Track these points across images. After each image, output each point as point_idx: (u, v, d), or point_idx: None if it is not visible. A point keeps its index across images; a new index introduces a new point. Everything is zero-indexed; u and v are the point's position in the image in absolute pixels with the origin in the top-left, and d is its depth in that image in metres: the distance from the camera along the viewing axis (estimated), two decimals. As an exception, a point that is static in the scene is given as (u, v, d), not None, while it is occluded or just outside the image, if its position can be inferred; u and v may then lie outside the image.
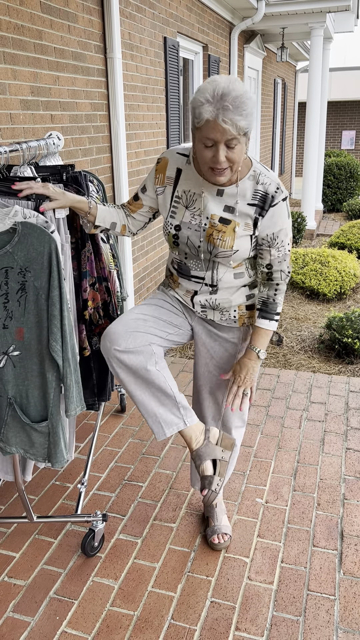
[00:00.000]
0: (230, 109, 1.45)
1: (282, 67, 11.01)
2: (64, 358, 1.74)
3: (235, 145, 1.52)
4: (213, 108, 1.45)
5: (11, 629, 1.83)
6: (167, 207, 1.76)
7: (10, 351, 1.77)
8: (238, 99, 1.45)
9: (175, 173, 1.73)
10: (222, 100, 1.45)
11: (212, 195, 1.69)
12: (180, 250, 1.78)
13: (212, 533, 2.15)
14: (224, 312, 1.86)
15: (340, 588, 1.96)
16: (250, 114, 1.48)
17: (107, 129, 3.84)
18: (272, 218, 1.68)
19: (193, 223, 1.71)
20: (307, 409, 3.15)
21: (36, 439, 1.86)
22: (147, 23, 4.35)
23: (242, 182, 1.67)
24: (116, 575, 2.03)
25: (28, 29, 2.85)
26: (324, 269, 5.41)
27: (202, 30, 5.74)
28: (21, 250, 1.65)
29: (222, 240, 1.69)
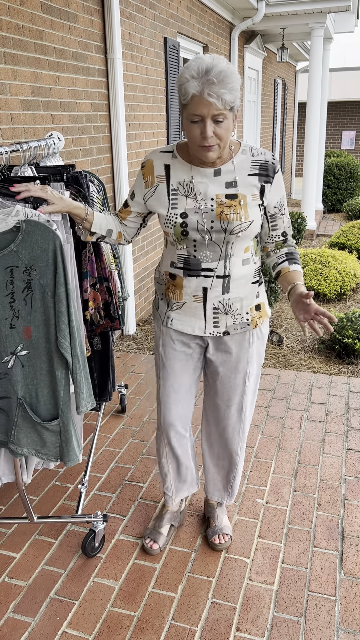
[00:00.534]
0: (215, 83, 1.48)
1: (282, 67, 11.02)
2: (73, 354, 1.74)
3: (222, 120, 1.55)
4: (198, 83, 1.49)
5: (12, 629, 1.83)
6: (165, 202, 1.73)
7: (18, 351, 1.77)
8: (222, 72, 1.49)
9: (164, 170, 1.74)
10: (207, 75, 1.48)
11: (210, 177, 1.69)
12: (189, 241, 1.73)
13: (212, 533, 2.15)
14: (236, 315, 1.83)
15: (341, 589, 1.96)
16: (235, 88, 1.52)
17: (107, 129, 3.85)
18: (279, 185, 1.75)
19: (199, 207, 1.70)
20: (308, 410, 3.15)
21: (48, 438, 1.86)
22: (148, 23, 4.35)
23: (237, 157, 1.71)
24: (117, 576, 2.03)
25: (29, 29, 2.85)
26: (324, 270, 5.41)
27: (202, 30, 5.74)
28: (25, 249, 1.65)
29: (235, 214, 1.68)
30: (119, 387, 3.11)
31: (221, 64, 1.50)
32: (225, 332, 1.84)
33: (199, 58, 1.53)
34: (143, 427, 2.99)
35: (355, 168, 10.84)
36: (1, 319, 1.73)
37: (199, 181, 1.70)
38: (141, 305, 4.75)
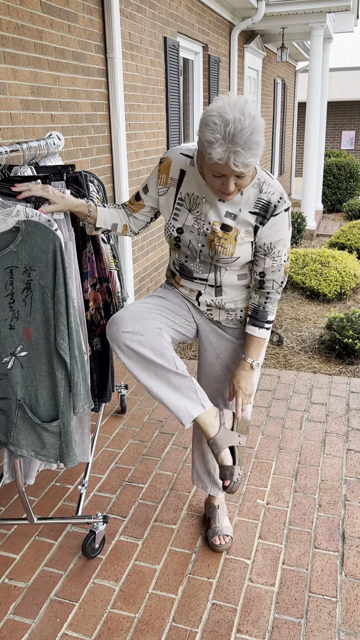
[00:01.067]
0: (242, 154, 1.43)
1: (282, 67, 11.01)
2: (71, 355, 1.74)
3: (244, 175, 1.52)
4: (224, 150, 1.43)
5: (12, 631, 1.82)
6: (169, 209, 1.75)
7: (17, 352, 1.76)
8: (250, 138, 1.42)
9: (178, 174, 1.72)
10: (234, 142, 1.41)
11: (214, 201, 1.67)
12: (181, 253, 1.78)
13: (213, 534, 2.14)
14: (230, 312, 1.85)
15: (342, 590, 1.95)
16: (261, 147, 1.46)
17: (107, 129, 3.84)
18: (273, 227, 1.66)
19: (195, 227, 1.70)
20: (308, 410, 3.14)
21: (47, 440, 1.86)
22: (147, 23, 4.34)
23: (246, 190, 1.65)
24: (117, 577, 2.02)
25: (28, 29, 2.84)
26: (324, 270, 5.40)
27: (202, 30, 5.74)
28: (25, 249, 1.65)
29: (223, 247, 1.68)
30: (119, 388, 3.10)
31: (247, 124, 1.41)
32: (217, 322, 1.89)
33: (223, 112, 1.41)
34: (143, 428, 2.99)
35: (354, 168, 10.84)
36: (0, 320, 1.72)
37: (207, 198, 1.68)
38: (141, 305, 4.74)
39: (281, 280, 1.77)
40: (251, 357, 1.84)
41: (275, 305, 1.81)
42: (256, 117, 1.45)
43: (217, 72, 6.31)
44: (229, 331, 1.91)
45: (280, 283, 1.77)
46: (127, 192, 4.08)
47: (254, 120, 1.43)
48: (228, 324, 1.88)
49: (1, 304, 1.70)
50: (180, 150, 1.74)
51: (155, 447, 2.81)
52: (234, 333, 1.91)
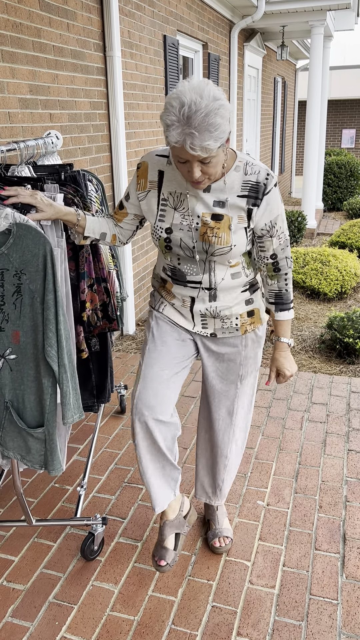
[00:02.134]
0: (197, 136, 1.39)
1: (282, 65, 10.98)
2: (60, 364, 1.70)
3: (209, 161, 1.48)
4: (179, 132, 1.40)
5: (10, 634, 1.81)
6: (154, 212, 1.70)
7: (6, 354, 1.74)
8: (206, 119, 1.38)
9: (157, 176, 1.68)
10: (188, 124, 1.38)
11: (199, 194, 1.63)
12: (173, 255, 1.72)
13: (213, 536, 2.12)
14: (225, 320, 1.79)
15: (342, 592, 1.94)
16: (222, 129, 1.41)
17: (106, 128, 3.82)
18: (268, 206, 1.64)
19: (184, 224, 1.66)
20: (309, 410, 3.13)
21: (32, 445, 1.83)
22: (147, 21, 4.32)
23: (229, 175, 1.61)
24: (116, 580, 2.01)
25: (27, 27, 2.82)
26: (324, 269, 5.38)
27: (201, 28, 5.71)
28: (16, 252, 1.63)
29: (217, 237, 1.64)
30: (118, 388, 3.09)
31: (205, 105, 1.37)
32: (212, 334, 1.83)
33: (180, 93, 1.40)
34: (143, 428, 2.97)
35: (355, 166, 10.81)
36: None
37: (190, 193, 1.64)
38: (141, 304, 4.72)
39: (290, 256, 1.78)
40: (286, 337, 1.86)
41: (292, 282, 1.82)
42: (218, 99, 1.40)
43: (217, 70, 6.29)
44: (226, 345, 1.85)
45: (290, 258, 1.78)
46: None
47: (213, 102, 1.39)
48: (224, 333, 1.82)
49: None
50: (156, 152, 1.71)
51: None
52: (230, 346, 1.85)
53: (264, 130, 9.76)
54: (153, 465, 1.86)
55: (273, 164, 10.98)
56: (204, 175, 1.52)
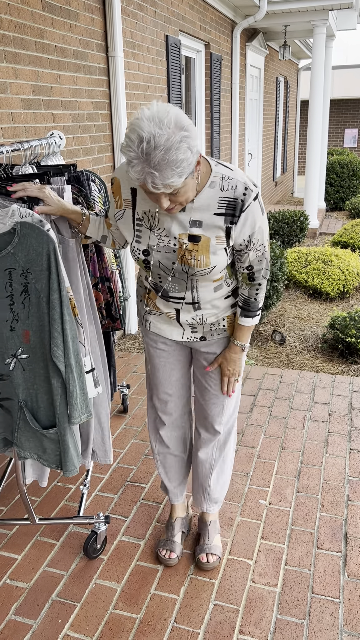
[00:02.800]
0: (157, 176, 1.31)
1: (285, 65, 10.98)
2: (66, 364, 1.70)
3: (177, 192, 1.41)
4: (140, 170, 1.32)
5: (13, 632, 1.82)
6: (131, 232, 1.64)
7: (18, 354, 1.75)
8: (166, 156, 1.29)
9: (130, 194, 1.61)
10: (148, 162, 1.30)
11: (173, 214, 1.55)
12: (153, 274, 1.68)
13: (200, 551, 2.05)
14: (212, 324, 1.80)
15: (344, 591, 1.94)
16: (186, 164, 1.33)
17: (108, 128, 3.83)
18: (246, 222, 1.56)
19: (161, 245, 1.59)
20: (311, 410, 3.13)
21: (47, 445, 1.83)
22: (149, 21, 4.33)
23: (203, 192, 1.53)
24: (119, 578, 2.02)
25: (29, 28, 2.83)
26: (326, 268, 5.39)
27: (204, 28, 5.72)
28: (22, 251, 1.63)
29: (196, 259, 1.58)
30: (121, 387, 3.09)
31: (164, 140, 1.28)
32: (202, 338, 1.83)
33: (138, 126, 1.30)
34: (145, 427, 2.98)
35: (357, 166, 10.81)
36: (2, 321, 1.71)
37: (163, 215, 1.57)
38: (143, 304, 4.73)
39: (267, 267, 1.72)
40: (242, 341, 1.82)
41: (264, 292, 1.76)
42: (181, 128, 1.31)
43: (219, 70, 6.29)
44: (215, 344, 1.85)
45: (267, 268, 1.72)
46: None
47: (175, 133, 1.29)
48: (213, 336, 1.82)
49: (2, 305, 1.69)
50: (126, 168, 1.52)
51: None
52: (219, 343, 1.86)
53: (266, 130, 9.76)
54: (176, 465, 2.09)
55: (275, 163, 10.98)
56: (174, 204, 1.46)
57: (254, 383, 3.46)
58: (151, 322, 1.87)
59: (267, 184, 10.28)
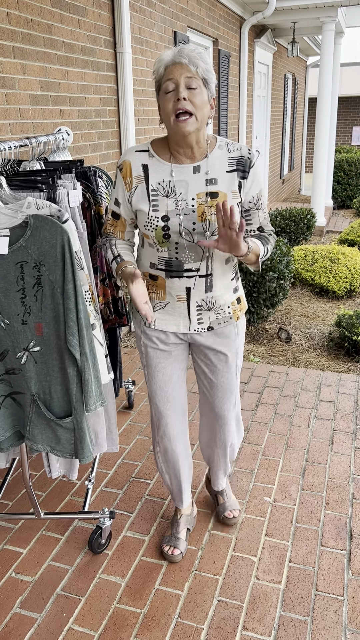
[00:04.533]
0: (186, 51, 1.55)
1: (293, 62, 10.94)
2: (82, 352, 1.72)
3: (196, 88, 1.55)
4: (172, 54, 1.57)
5: (18, 625, 1.83)
6: (146, 202, 1.68)
7: (30, 347, 1.76)
8: (194, 50, 1.57)
9: (142, 170, 1.70)
10: (180, 49, 1.57)
11: (189, 175, 1.66)
12: (170, 244, 1.70)
13: (224, 509, 2.24)
14: (218, 310, 1.83)
15: (348, 588, 1.94)
16: (207, 62, 1.56)
17: (116, 124, 3.83)
18: (254, 179, 1.72)
19: (180, 208, 1.66)
20: (316, 408, 3.13)
21: (62, 435, 1.86)
22: (157, 17, 4.32)
23: (213, 153, 1.69)
24: (123, 573, 2.03)
25: (38, 23, 2.83)
26: (333, 266, 5.37)
27: (212, 24, 5.70)
28: (34, 244, 1.64)
29: (216, 214, 1.61)
30: (126, 384, 3.10)
31: (193, 48, 1.57)
32: (209, 327, 1.84)
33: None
34: (150, 424, 2.98)
35: (365, 164, 10.75)
36: (13, 315, 1.72)
37: (178, 179, 1.66)
38: (149, 301, 4.73)
39: (272, 228, 1.85)
40: (251, 243, 1.70)
41: (272, 249, 1.87)
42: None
43: (227, 66, 6.27)
44: (221, 335, 1.87)
45: (272, 230, 1.85)
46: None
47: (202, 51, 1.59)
48: (220, 324, 1.85)
49: (13, 298, 1.70)
50: (134, 149, 1.73)
51: (162, 443, 2.81)
52: (224, 333, 1.88)
53: (274, 128, 9.73)
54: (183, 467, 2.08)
55: (282, 161, 10.94)
56: (190, 104, 1.56)
57: (259, 381, 3.46)
58: (156, 320, 1.84)
59: (274, 182, 10.25)
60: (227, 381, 1.95)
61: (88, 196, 2.08)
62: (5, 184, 1.68)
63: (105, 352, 1.91)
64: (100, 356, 1.85)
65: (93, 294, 1.80)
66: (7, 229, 1.62)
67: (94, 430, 1.99)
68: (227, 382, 1.95)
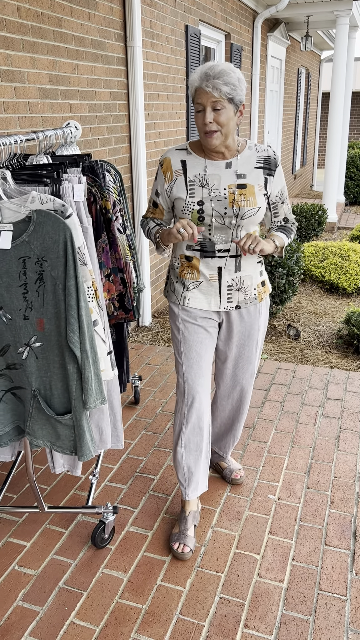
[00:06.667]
0: (212, 77, 1.75)
1: (306, 56, 10.83)
2: (82, 349, 1.72)
3: (220, 109, 1.78)
4: (199, 77, 1.78)
5: (20, 617, 1.84)
6: (184, 190, 1.93)
7: (32, 342, 1.76)
8: (220, 71, 1.75)
9: (181, 165, 1.95)
10: (207, 73, 1.77)
11: (222, 170, 1.92)
12: (204, 226, 1.93)
13: (230, 472, 2.45)
14: (246, 291, 2.04)
15: (352, 588, 1.93)
16: (230, 81, 1.75)
17: (126, 119, 3.81)
18: (279, 176, 2.00)
19: (213, 195, 1.91)
20: (323, 405, 3.11)
21: (62, 432, 1.85)
22: (169, 11, 4.29)
23: (244, 152, 1.95)
24: (126, 568, 2.03)
25: (48, 17, 2.82)
26: (344, 263, 5.32)
27: (224, 18, 5.66)
28: (37, 239, 1.64)
29: (246, 200, 1.90)
30: (133, 379, 3.10)
31: (220, 65, 1.76)
32: (237, 306, 2.06)
33: (204, 64, 1.81)
34: (156, 419, 2.98)
35: (379, 160, 10.63)
36: (15, 310, 1.72)
37: (212, 173, 1.92)
38: (157, 296, 4.73)
39: (294, 217, 2.13)
40: (276, 240, 2.00)
41: (294, 236, 2.11)
42: (232, 66, 1.79)
43: (240, 61, 6.23)
44: (247, 314, 2.09)
45: (295, 218, 2.08)
46: (144, 182, 4.06)
47: (229, 65, 1.78)
48: (246, 304, 2.06)
49: (15, 293, 1.70)
50: (175, 148, 2.00)
51: (167, 438, 2.81)
52: (250, 312, 2.09)
53: (286, 123, 9.65)
54: (196, 457, 2.14)
55: (295, 156, 10.86)
56: (216, 125, 1.80)
57: (266, 377, 3.44)
58: (189, 298, 2.04)
59: (286, 177, 10.18)
60: (249, 353, 2.16)
61: (94, 191, 2.07)
62: (10, 178, 1.68)
63: (109, 349, 1.90)
64: (102, 353, 1.84)
65: (97, 290, 1.80)
66: (11, 223, 1.62)
67: (98, 426, 1.98)
68: (248, 354, 2.16)
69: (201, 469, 2.15)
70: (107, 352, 1.87)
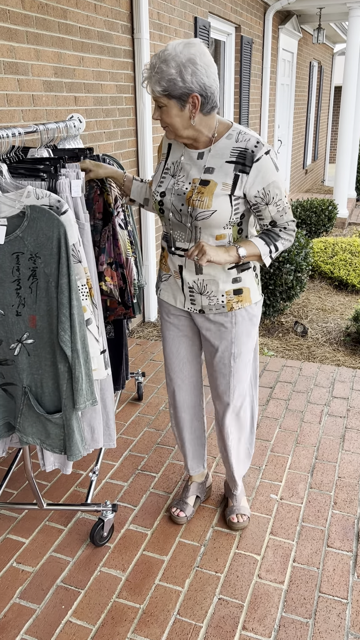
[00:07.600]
0: (146, 76, 1.62)
1: (319, 49, 10.70)
2: (73, 349, 1.69)
3: (162, 106, 1.63)
4: (143, 73, 1.67)
5: (17, 615, 1.83)
6: (158, 178, 1.83)
7: (24, 339, 1.74)
8: (154, 65, 1.57)
9: (167, 148, 1.85)
10: (147, 68, 1.62)
11: (194, 160, 1.74)
12: (165, 219, 1.83)
13: (230, 513, 2.19)
14: (211, 297, 1.84)
15: (353, 592, 1.90)
16: (166, 77, 1.55)
17: (132, 112, 3.77)
18: (259, 173, 1.68)
19: (177, 188, 1.75)
20: (329, 404, 3.06)
21: (52, 430, 1.83)
22: (177, 2, 4.24)
23: (220, 142, 1.70)
24: (124, 567, 2.01)
25: (52, 8, 2.79)
26: (354, 259, 5.26)
27: (234, 10, 5.58)
28: (31, 235, 1.61)
29: (200, 200, 1.69)
30: (136, 375, 3.08)
31: (160, 55, 1.56)
32: (200, 311, 1.88)
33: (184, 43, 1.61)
34: (159, 416, 2.96)
35: (391, 155, 10.49)
36: (8, 306, 1.70)
37: (185, 162, 1.76)
38: (164, 291, 4.69)
39: (291, 219, 1.80)
40: (240, 246, 1.73)
41: (287, 242, 1.82)
42: (188, 58, 1.54)
43: (250, 54, 6.15)
44: (214, 322, 1.89)
45: (292, 221, 1.80)
46: (151, 176, 4.02)
47: (166, 53, 1.55)
48: (211, 310, 1.85)
49: (8, 289, 1.67)
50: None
51: (170, 436, 2.78)
52: (217, 320, 1.88)
53: (298, 117, 9.55)
54: (190, 434, 2.17)
55: (306, 151, 10.75)
56: (162, 122, 1.68)
57: (271, 375, 3.40)
58: (161, 290, 1.99)
59: (297, 172, 10.08)
60: (218, 365, 1.95)
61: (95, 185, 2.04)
62: (6, 172, 1.65)
63: (102, 348, 1.87)
64: (95, 352, 1.81)
65: (91, 288, 1.77)
66: (5, 218, 1.59)
67: (90, 425, 1.95)
68: (216, 366, 1.96)
69: (187, 452, 2.22)
70: (100, 351, 1.84)
